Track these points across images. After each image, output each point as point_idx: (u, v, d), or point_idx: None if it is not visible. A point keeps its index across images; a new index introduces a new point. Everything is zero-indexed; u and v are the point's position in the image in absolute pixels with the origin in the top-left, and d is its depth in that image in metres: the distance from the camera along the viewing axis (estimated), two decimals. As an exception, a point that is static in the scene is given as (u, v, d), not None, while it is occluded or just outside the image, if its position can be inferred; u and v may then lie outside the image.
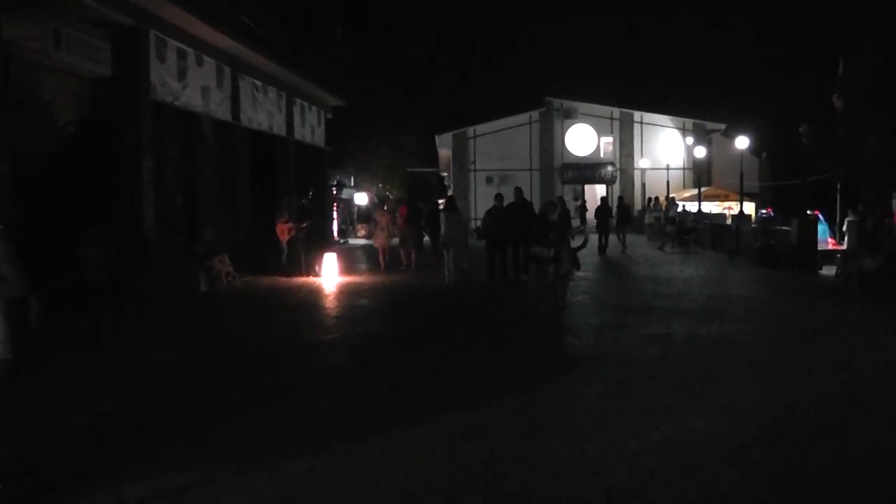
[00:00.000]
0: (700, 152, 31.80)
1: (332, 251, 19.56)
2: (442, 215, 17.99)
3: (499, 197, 17.32)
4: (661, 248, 26.88)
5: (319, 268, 18.56)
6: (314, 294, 15.78)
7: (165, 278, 15.30)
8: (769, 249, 21.16)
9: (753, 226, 24.48)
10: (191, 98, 17.78)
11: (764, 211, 33.38)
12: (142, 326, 12.06)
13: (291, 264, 18.92)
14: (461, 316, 13.24)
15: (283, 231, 19.18)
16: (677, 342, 10.21)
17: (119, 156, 15.33)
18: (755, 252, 21.74)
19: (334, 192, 36.61)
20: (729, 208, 34.72)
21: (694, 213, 30.05)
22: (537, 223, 13.40)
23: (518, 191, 17.64)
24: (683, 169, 44.15)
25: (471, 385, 7.89)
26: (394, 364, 9.12)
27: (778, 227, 22.30)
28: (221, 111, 19.59)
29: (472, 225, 29.74)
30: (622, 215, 27.42)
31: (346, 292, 15.99)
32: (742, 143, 26.67)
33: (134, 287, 14.14)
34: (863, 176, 23.75)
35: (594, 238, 24.15)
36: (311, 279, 18.17)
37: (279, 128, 24.15)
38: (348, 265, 21.91)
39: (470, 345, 10.31)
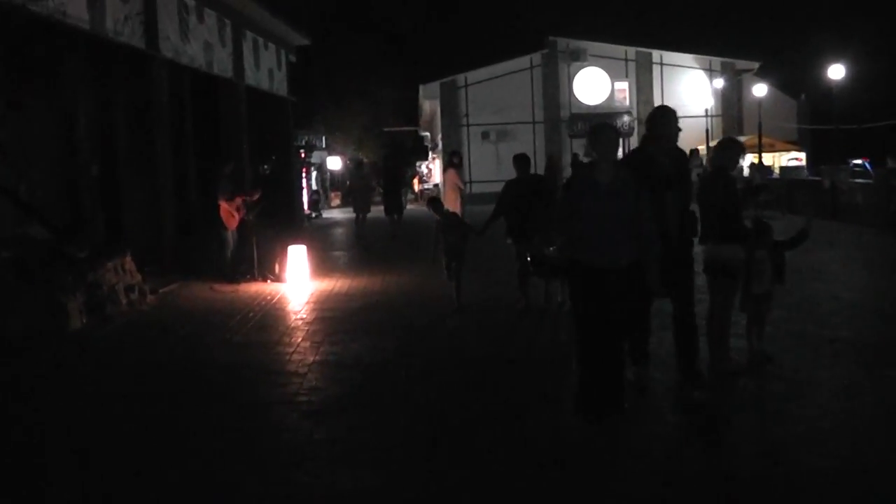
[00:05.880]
0: (760, 90, 25.53)
1: (300, 242, 13.05)
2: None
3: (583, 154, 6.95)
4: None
5: (281, 268, 12.18)
6: (264, 329, 9.03)
7: (16, 309, 8.65)
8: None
9: (860, 182, 18.41)
10: (63, 6, 11.13)
11: (858, 161, 27.04)
12: None
13: (239, 262, 12.47)
14: (530, 396, 6.37)
15: (229, 212, 12.54)
16: None
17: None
18: (889, 217, 15.82)
19: (302, 156, 30.05)
20: (798, 160, 28.61)
21: (758, 167, 23.85)
22: (716, 197, 6.17)
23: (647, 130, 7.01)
24: (709, 116, 37.88)
25: None
26: None
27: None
28: (127, 33, 12.94)
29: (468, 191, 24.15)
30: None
31: (320, 319, 9.42)
32: (837, 72, 20.28)
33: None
34: None
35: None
36: (268, 286, 11.80)
37: (222, 67, 17.44)
38: (324, 255, 15.64)
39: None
